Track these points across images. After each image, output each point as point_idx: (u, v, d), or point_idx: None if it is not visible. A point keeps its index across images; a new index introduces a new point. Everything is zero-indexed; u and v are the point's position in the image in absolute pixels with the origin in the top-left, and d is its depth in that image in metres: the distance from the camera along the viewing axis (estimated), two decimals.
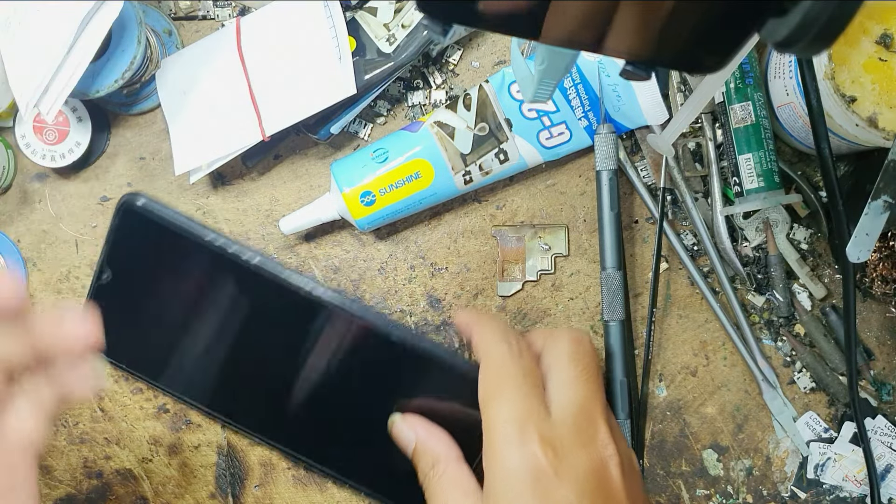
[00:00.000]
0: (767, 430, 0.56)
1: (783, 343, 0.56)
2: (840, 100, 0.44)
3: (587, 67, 0.54)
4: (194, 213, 0.60)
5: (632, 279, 0.57)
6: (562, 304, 0.57)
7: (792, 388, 0.56)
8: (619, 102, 0.54)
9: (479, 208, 0.58)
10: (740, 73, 0.52)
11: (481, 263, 0.58)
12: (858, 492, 0.54)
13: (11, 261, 0.60)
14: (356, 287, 0.58)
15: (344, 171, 0.55)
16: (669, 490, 0.56)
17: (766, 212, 0.54)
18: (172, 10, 0.60)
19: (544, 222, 0.58)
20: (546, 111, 0.54)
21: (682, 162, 0.55)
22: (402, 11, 0.55)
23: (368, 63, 0.55)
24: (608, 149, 0.54)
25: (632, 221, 0.57)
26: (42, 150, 0.58)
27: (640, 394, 0.56)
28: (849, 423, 0.54)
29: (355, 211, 0.55)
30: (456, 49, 0.58)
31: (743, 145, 0.52)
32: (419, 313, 0.58)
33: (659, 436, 0.56)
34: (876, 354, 0.55)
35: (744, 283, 0.56)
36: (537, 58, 0.35)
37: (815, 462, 0.55)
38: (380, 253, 0.58)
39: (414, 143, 0.54)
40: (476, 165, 0.54)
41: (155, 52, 0.58)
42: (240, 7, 0.60)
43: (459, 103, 0.55)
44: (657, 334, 0.57)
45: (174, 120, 0.57)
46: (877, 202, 0.44)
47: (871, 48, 0.44)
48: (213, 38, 0.57)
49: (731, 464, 0.56)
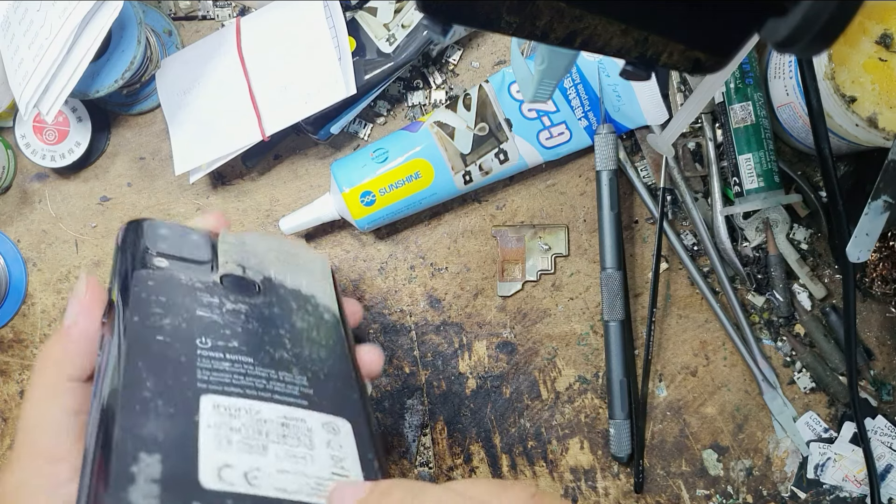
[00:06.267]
0: (767, 430, 0.56)
1: (783, 343, 0.56)
2: (840, 100, 0.44)
3: (587, 67, 0.54)
4: (194, 213, 0.60)
5: (632, 279, 0.57)
6: (562, 304, 0.57)
7: (792, 388, 0.56)
8: (619, 102, 0.54)
9: (479, 208, 0.58)
10: (740, 73, 0.52)
11: (481, 263, 0.58)
12: (858, 492, 0.54)
13: (11, 261, 0.60)
14: (356, 287, 0.58)
15: (344, 171, 0.55)
16: (669, 490, 0.56)
17: (766, 212, 0.54)
18: (172, 10, 0.60)
19: (544, 222, 0.57)
20: (546, 111, 0.54)
21: (682, 162, 0.55)
22: (402, 11, 0.55)
23: (368, 63, 0.55)
24: (608, 149, 0.54)
25: (632, 221, 0.57)
26: (42, 150, 0.58)
27: (640, 394, 0.56)
28: (849, 423, 0.54)
29: (355, 211, 0.55)
30: (456, 49, 0.58)
31: (743, 145, 0.52)
32: (419, 313, 0.58)
33: (659, 436, 0.56)
34: (876, 354, 0.55)
35: (744, 283, 0.56)
36: (537, 58, 0.35)
37: (815, 462, 0.55)
38: (380, 253, 0.58)
39: (414, 143, 0.54)
40: (476, 165, 0.54)
41: (155, 52, 0.58)
42: (240, 7, 0.60)
43: (459, 103, 0.55)
44: (657, 334, 0.57)
45: (174, 120, 0.57)
46: (877, 202, 0.44)
47: (871, 48, 0.44)
48: (213, 38, 0.57)
49: (731, 464, 0.56)
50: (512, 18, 0.25)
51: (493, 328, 0.57)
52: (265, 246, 0.40)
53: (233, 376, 0.33)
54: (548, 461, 0.57)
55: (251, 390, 0.32)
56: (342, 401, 0.35)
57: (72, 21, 0.48)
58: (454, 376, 0.57)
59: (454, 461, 0.57)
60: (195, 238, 0.38)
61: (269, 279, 0.39)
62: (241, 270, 0.38)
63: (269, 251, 0.40)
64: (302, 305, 0.39)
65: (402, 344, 0.58)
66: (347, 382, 0.36)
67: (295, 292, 0.39)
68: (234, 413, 0.31)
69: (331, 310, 0.40)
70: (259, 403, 0.32)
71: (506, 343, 0.57)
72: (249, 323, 0.36)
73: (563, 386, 0.57)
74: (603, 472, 0.56)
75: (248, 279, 0.38)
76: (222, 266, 0.37)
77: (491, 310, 0.58)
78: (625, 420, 0.54)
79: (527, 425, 0.57)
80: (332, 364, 0.37)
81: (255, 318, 0.36)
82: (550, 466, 0.57)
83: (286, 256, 0.40)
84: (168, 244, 0.37)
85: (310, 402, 0.34)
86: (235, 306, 0.36)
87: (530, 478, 0.57)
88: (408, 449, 0.57)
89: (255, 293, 0.37)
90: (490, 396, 0.57)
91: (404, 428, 0.57)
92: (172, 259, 0.37)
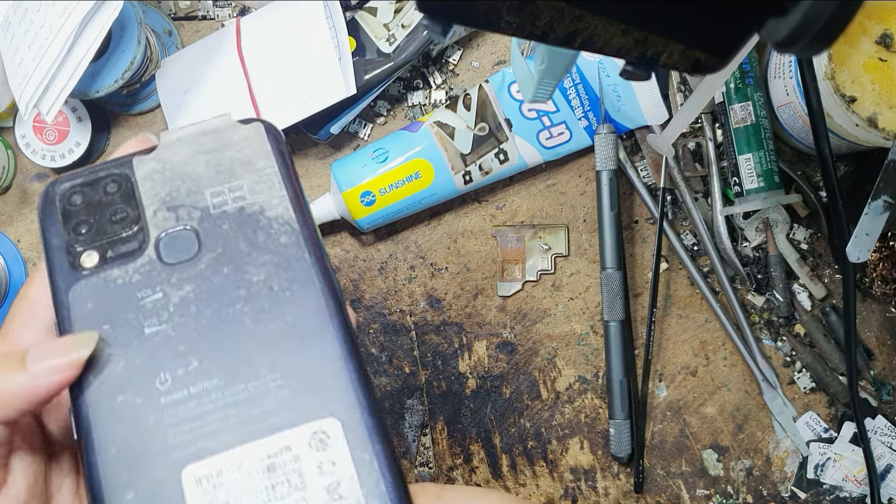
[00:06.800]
0: (767, 430, 0.56)
1: (783, 343, 0.56)
2: (840, 100, 0.44)
3: (587, 67, 0.54)
4: None
5: (632, 279, 0.57)
6: (562, 304, 0.57)
7: (792, 388, 0.56)
8: (619, 102, 0.54)
9: (479, 208, 0.58)
10: (740, 73, 0.52)
11: (481, 263, 0.58)
12: (858, 492, 0.54)
13: (11, 261, 0.60)
14: (356, 287, 0.58)
15: (344, 170, 0.55)
16: (669, 490, 0.56)
17: (766, 212, 0.54)
18: (172, 10, 0.60)
19: (544, 222, 0.58)
20: (546, 111, 0.54)
21: (682, 162, 0.55)
22: (402, 11, 0.55)
23: (368, 63, 0.55)
24: (608, 149, 0.54)
25: (632, 221, 0.57)
26: (42, 150, 0.58)
27: (640, 394, 0.56)
28: (849, 423, 0.54)
29: (355, 211, 0.55)
30: (456, 49, 0.58)
31: (743, 145, 0.52)
32: (419, 313, 0.58)
33: (659, 436, 0.56)
34: (876, 354, 0.55)
35: (744, 283, 0.56)
36: (537, 58, 0.35)
37: (815, 462, 0.55)
38: (380, 253, 0.58)
39: (414, 143, 0.54)
40: (476, 165, 0.54)
41: (155, 52, 0.58)
42: (240, 7, 0.60)
43: (459, 103, 0.55)
44: (657, 334, 0.57)
45: (174, 120, 0.57)
46: (877, 202, 0.44)
47: (871, 48, 0.44)
48: (213, 38, 0.57)
49: (731, 464, 0.56)
50: (512, 18, 0.25)
51: (493, 328, 0.57)
52: (187, 149, 0.31)
53: (205, 421, 0.27)
54: (548, 461, 0.57)
55: (227, 433, 0.27)
56: (327, 384, 0.28)
57: (72, 21, 0.48)
58: (454, 376, 0.57)
59: (454, 461, 0.57)
60: (111, 188, 0.31)
61: (207, 211, 0.31)
62: (174, 218, 0.30)
63: (195, 154, 0.31)
64: (253, 239, 0.30)
65: (402, 344, 0.58)
66: (329, 344, 0.29)
67: (241, 218, 0.30)
68: (218, 481, 0.26)
69: (286, 219, 0.30)
70: (240, 450, 0.27)
71: (506, 343, 0.57)
72: (202, 313, 0.29)
73: (563, 386, 0.57)
74: (603, 472, 0.56)
75: (186, 229, 0.30)
76: (152, 223, 0.30)
77: (491, 310, 0.58)
78: (625, 420, 0.54)
79: (527, 425, 0.57)
80: (305, 322, 0.29)
81: (206, 298, 0.29)
82: (550, 466, 0.57)
83: (214, 148, 0.31)
84: (88, 217, 0.30)
85: (291, 412, 0.28)
86: (182, 292, 0.29)
87: (530, 478, 0.57)
88: (408, 449, 0.57)
89: (198, 250, 0.30)
90: (490, 396, 0.57)
91: (404, 428, 0.57)
92: (100, 244, 0.30)
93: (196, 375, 0.28)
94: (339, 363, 0.29)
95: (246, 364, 0.29)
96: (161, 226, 0.30)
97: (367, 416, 0.28)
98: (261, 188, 0.31)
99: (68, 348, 0.28)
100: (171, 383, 0.28)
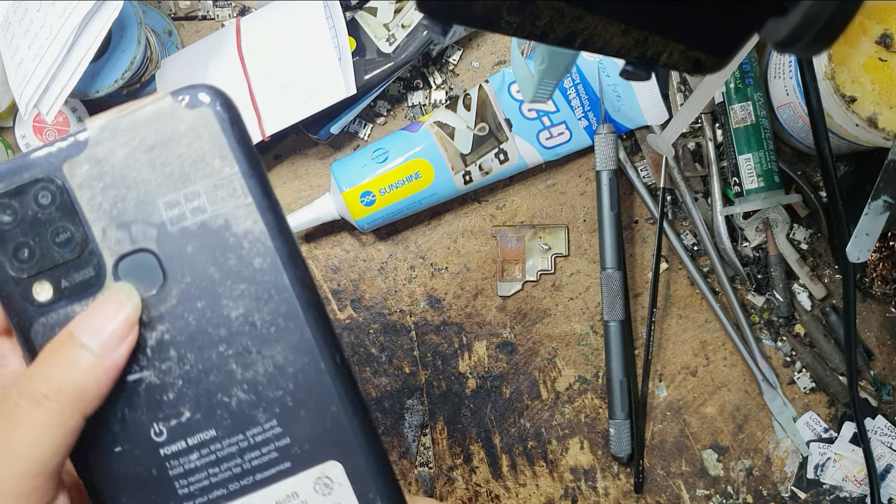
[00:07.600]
0: (767, 431, 0.56)
1: (783, 343, 0.56)
2: (840, 100, 0.44)
3: (587, 67, 0.54)
4: None
5: (632, 279, 0.57)
6: (562, 304, 0.57)
7: (792, 388, 0.56)
8: (619, 102, 0.54)
9: (479, 208, 0.58)
10: (740, 73, 0.52)
11: (481, 263, 0.58)
12: (858, 492, 0.54)
13: None
14: (356, 287, 0.58)
15: (344, 171, 0.55)
16: (669, 490, 0.56)
17: (766, 212, 0.54)
18: (172, 10, 0.60)
19: (544, 222, 0.58)
20: (546, 111, 0.54)
21: (682, 162, 0.55)
22: (402, 11, 0.55)
23: (368, 63, 0.55)
24: (608, 149, 0.54)
25: (632, 221, 0.57)
26: None
27: (640, 394, 0.56)
28: (849, 423, 0.54)
29: (355, 211, 0.55)
30: (456, 49, 0.58)
31: (743, 145, 0.52)
32: (419, 313, 0.58)
33: (659, 436, 0.56)
34: (876, 354, 0.55)
35: (744, 283, 0.56)
36: (537, 58, 0.35)
37: (815, 462, 0.55)
38: (380, 253, 0.58)
39: (414, 143, 0.54)
40: (476, 165, 0.54)
41: (155, 52, 0.58)
42: (240, 7, 0.60)
43: (459, 103, 0.55)
44: (657, 334, 0.57)
45: None
46: (877, 202, 0.44)
47: (871, 48, 0.44)
48: (213, 38, 0.57)
49: (731, 464, 0.56)
50: (512, 18, 0.25)
51: (493, 328, 0.57)
52: (124, 147, 0.26)
53: (208, 472, 0.26)
54: (548, 461, 0.57)
55: (233, 484, 0.26)
56: (325, 427, 0.27)
57: (72, 21, 0.48)
58: (454, 376, 0.57)
59: (454, 461, 0.57)
60: (43, 199, 0.26)
61: (164, 228, 0.26)
62: (128, 239, 0.26)
63: (135, 152, 0.26)
64: (223, 264, 0.26)
65: (402, 344, 0.58)
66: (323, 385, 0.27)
67: (204, 237, 0.26)
68: None
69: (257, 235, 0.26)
70: (249, 499, 0.26)
71: (506, 343, 0.57)
72: (183, 358, 0.26)
73: (563, 386, 0.57)
74: (603, 472, 0.56)
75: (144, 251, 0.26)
76: (103, 244, 0.26)
77: (491, 310, 0.58)
78: (625, 420, 0.54)
79: (527, 425, 0.57)
80: (295, 361, 0.27)
81: (184, 342, 0.26)
82: (550, 466, 0.57)
83: (157, 143, 0.26)
84: (25, 238, 0.26)
85: (293, 459, 0.27)
86: (156, 333, 0.26)
87: (530, 478, 0.57)
88: (408, 449, 0.57)
89: (163, 279, 0.26)
90: (490, 396, 0.57)
91: (404, 428, 0.57)
92: (49, 271, 0.26)
93: (191, 427, 0.26)
94: (335, 404, 0.27)
95: (240, 413, 0.27)
96: (115, 248, 0.26)
97: (367, 455, 0.27)
98: (222, 195, 0.26)
99: (117, 305, 0.25)
100: (166, 436, 0.26)
